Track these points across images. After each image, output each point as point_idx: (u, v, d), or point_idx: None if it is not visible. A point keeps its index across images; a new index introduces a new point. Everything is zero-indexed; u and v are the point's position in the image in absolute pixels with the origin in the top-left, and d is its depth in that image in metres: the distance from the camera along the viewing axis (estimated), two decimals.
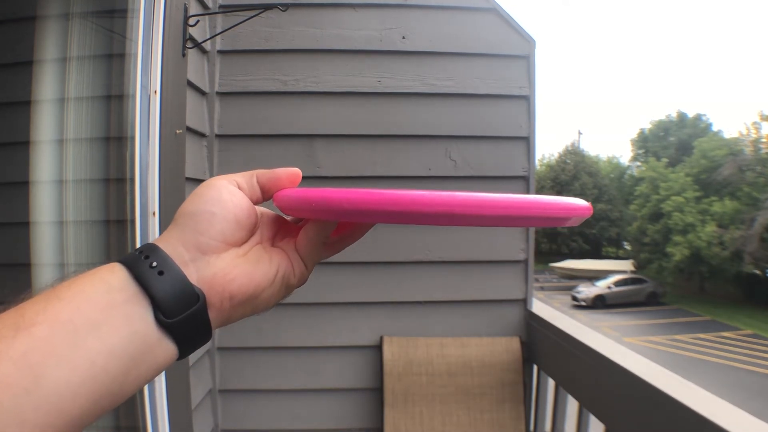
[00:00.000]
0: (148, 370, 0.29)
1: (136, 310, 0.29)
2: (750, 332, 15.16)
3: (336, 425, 1.63)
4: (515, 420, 1.56)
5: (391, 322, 1.64)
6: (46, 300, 0.27)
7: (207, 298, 0.31)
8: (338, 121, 1.61)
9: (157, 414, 1.08)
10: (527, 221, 0.32)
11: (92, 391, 0.26)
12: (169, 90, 1.14)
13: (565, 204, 0.32)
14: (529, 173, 1.64)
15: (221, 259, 0.32)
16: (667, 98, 77.42)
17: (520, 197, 0.31)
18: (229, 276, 0.32)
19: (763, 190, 19.02)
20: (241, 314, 0.34)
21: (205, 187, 0.34)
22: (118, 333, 0.28)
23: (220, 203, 0.33)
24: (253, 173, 0.36)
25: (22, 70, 1.16)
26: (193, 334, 0.31)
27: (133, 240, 1.06)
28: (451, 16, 1.62)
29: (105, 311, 0.28)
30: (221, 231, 0.33)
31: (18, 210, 1.16)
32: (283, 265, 0.35)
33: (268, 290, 0.34)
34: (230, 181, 0.35)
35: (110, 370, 0.27)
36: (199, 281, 0.31)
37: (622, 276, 19.26)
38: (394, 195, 0.29)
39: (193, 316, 0.30)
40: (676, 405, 0.86)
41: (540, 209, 0.31)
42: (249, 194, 0.36)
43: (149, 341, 0.29)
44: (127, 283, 0.29)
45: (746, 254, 18.38)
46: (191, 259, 0.32)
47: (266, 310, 0.36)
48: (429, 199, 0.29)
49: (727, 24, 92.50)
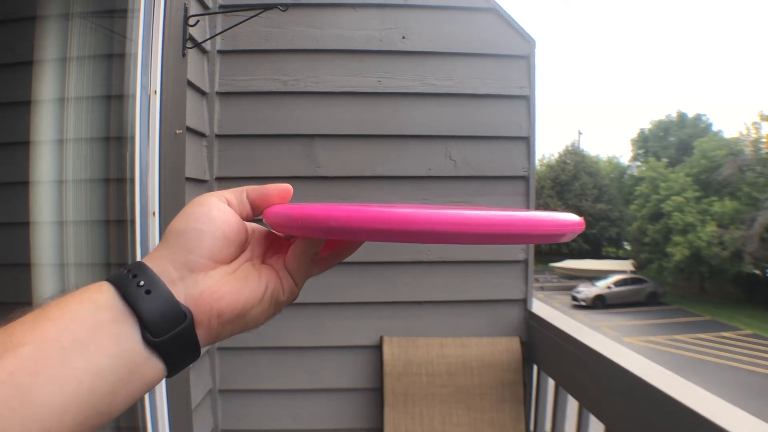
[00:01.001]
0: (136, 389, 0.29)
1: (123, 329, 0.29)
2: (750, 332, 15.16)
3: (336, 425, 1.63)
4: (515, 420, 1.56)
5: (390, 322, 1.64)
6: (34, 320, 0.27)
7: (195, 317, 0.31)
8: (338, 121, 1.61)
9: (157, 414, 1.08)
10: (519, 239, 0.31)
11: (79, 411, 0.26)
12: (169, 90, 1.14)
13: (558, 221, 0.32)
14: (529, 173, 1.64)
15: (209, 276, 0.32)
16: (667, 98, 77.47)
17: (513, 214, 0.30)
18: (217, 294, 0.32)
19: (763, 190, 19.02)
20: (230, 332, 0.34)
21: (194, 204, 0.34)
22: (106, 352, 0.28)
23: (209, 221, 0.33)
24: (243, 189, 0.36)
25: (22, 70, 1.16)
26: (181, 353, 0.31)
27: (133, 240, 1.06)
28: (451, 16, 1.62)
29: (92, 330, 0.28)
30: (210, 249, 0.33)
31: (18, 210, 1.16)
32: (272, 282, 0.35)
33: (257, 307, 0.34)
34: (220, 198, 0.35)
35: (98, 389, 0.27)
36: (186, 300, 0.31)
37: (622, 276, 19.25)
38: (382, 212, 0.29)
39: (181, 334, 0.30)
40: (676, 405, 0.86)
41: (532, 227, 0.31)
42: (239, 210, 0.36)
43: (137, 360, 0.29)
44: (114, 302, 0.29)
45: (746, 254, 18.38)
46: (179, 277, 0.32)
47: (256, 327, 0.36)
48: (419, 217, 0.29)
49: (727, 24, 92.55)
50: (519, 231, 0.30)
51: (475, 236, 0.29)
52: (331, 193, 1.60)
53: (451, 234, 0.29)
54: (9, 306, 0.27)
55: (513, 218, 0.30)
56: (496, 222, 0.29)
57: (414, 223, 0.29)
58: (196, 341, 0.32)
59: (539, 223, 0.31)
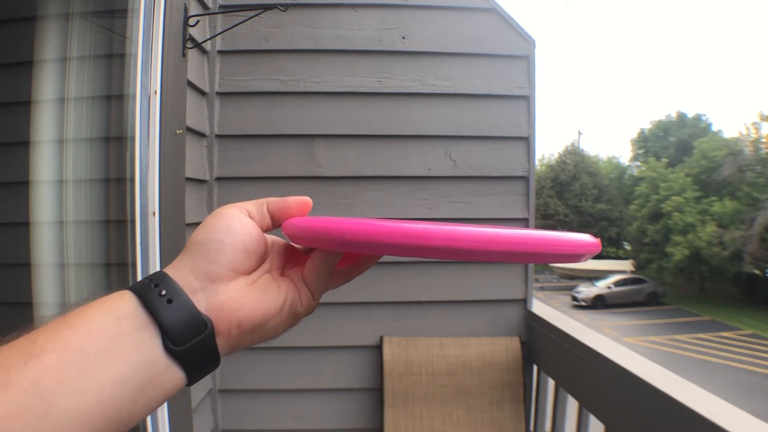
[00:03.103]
0: (156, 397, 0.30)
1: (144, 338, 0.29)
2: (750, 332, 15.15)
3: (336, 425, 1.63)
4: (515, 420, 1.56)
5: (391, 322, 1.64)
6: (57, 328, 0.28)
7: (215, 326, 0.32)
8: (338, 121, 1.61)
9: (157, 414, 1.08)
10: (536, 258, 0.31)
11: (101, 418, 0.27)
12: (169, 90, 1.14)
13: (577, 242, 0.32)
14: (529, 173, 1.64)
15: (230, 287, 0.33)
16: (667, 98, 77.47)
17: (532, 234, 0.30)
18: (238, 304, 0.33)
19: (763, 190, 19.02)
20: (248, 342, 0.34)
21: (215, 216, 0.35)
22: (127, 361, 0.28)
23: (229, 232, 0.34)
24: (264, 201, 0.37)
25: (22, 70, 1.16)
26: (201, 362, 0.31)
27: (133, 240, 1.06)
28: (451, 16, 1.62)
29: (114, 339, 0.28)
30: (231, 260, 0.33)
31: (18, 210, 1.16)
32: (291, 294, 0.36)
33: (276, 318, 0.35)
34: (241, 209, 0.36)
35: (119, 397, 0.27)
36: (207, 309, 0.32)
37: (622, 276, 19.25)
38: (399, 228, 0.29)
39: (201, 343, 0.31)
40: (676, 405, 0.86)
41: (552, 247, 0.31)
42: (259, 222, 0.36)
43: (158, 369, 0.29)
44: (136, 311, 0.30)
45: (746, 254, 18.38)
46: (201, 287, 0.32)
47: (274, 338, 0.36)
48: (436, 234, 0.29)
49: (727, 24, 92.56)
50: (538, 251, 0.30)
51: (496, 254, 0.29)
52: (331, 193, 1.60)
53: (471, 251, 0.29)
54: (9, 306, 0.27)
55: (532, 238, 0.30)
56: (519, 241, 0.29)
57: (434, 239, 0.29)
58: (216, 350, 0.32)
59: (559, 244, 0.31)
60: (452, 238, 0.29)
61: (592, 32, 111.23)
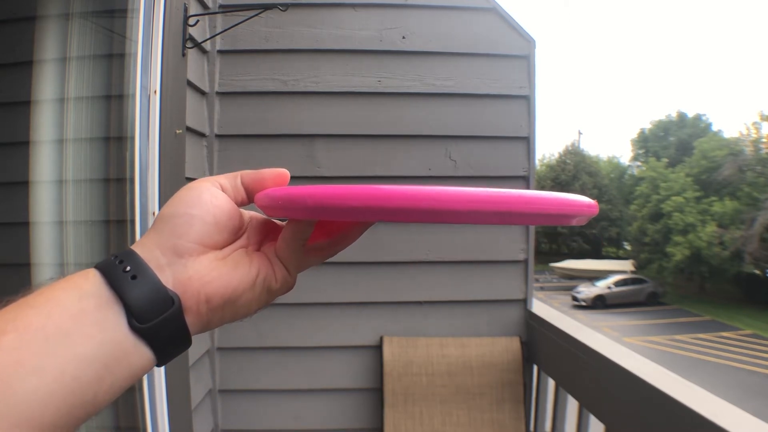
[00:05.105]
0: (123, 378, 0.29)
1: (108, 316, 0.28)
2: (750, 332, 15.15)
3: (336, 425, 1.63)
4: (515, 420, 1.56)
5: (391, 322, 1.64)
6: (18, 308, 0.27)
7: (183, 302, 0.31)
8: (338, 121, 1.61)
9: (156, 414, 1.08)
10: (526, 218, 0.28)
11: (63, 400, 0.26)
12: (169, 90, 1.14)
13: (568, 201, 0.29)
14: (529, 173, 1.64)
15: (198, 261, 0.32)
16: (667, 98, 77.46)
17: (519, 192, 0.27)
18: (205, 279, 0.31)
19: (763, 190, 19.02)
20: (219, 319, 0.33)
21: (186, 189, 0.34)
22: (91, 340, 0.27)
23: (199, 205, 0.32)
24: (238, 174, 0.35)
25: (22, 70, 1.16)
26: (169, 340, 0.30)
27: (133, 240, 1.06)
28: (451, 16, 1.62)
29: (76, 318, 0.27)
30: (199, 233, 0.32)
31: (18, 210, 1.16)
32: (264, 269, 0.34)
33: (248, 294, 0.33)
34: (213, 183, 0.34)
35: (82, 378, 0.26)
36: (174, 285, 0.31)
37: (622, 276, 19.25)
38: (364, 189, 0.27)
39: (168, 320, 0.30)
40: (676, 405, 0.86)
41: (541, 206, 0.28)
42: (233, 196, 0.35)
43: (124, 348, 0.28)
44: (100, 289, 0.29)
45: (746, 254, 18.39)
46: (168, 263, 0.31)
47: (248, 315, 0.35)
48: (404, 194, 0.26)
49: (728, 24, 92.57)
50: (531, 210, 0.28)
51: (466, 214, 0.26)
52: None
53: (436, 211, 0.26)
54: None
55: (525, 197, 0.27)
56: (494, 199, 0.27)
57: (399, 200, 0.26)
58: (186, 328, 0.31)
59: (553, 203, 0.28)
60: (421, 197, 0.26)
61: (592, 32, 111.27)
